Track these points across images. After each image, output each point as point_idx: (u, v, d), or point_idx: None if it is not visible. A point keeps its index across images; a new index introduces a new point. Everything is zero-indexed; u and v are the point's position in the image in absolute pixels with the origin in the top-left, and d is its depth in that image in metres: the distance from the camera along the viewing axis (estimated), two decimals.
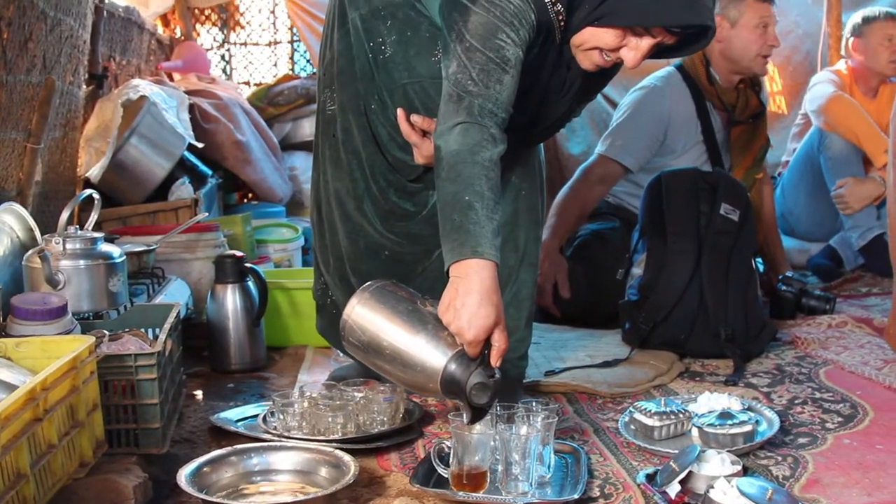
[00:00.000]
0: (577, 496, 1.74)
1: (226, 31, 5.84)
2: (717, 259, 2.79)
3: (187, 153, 3.88)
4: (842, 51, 4.32)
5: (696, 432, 2.05)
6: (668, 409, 2.10)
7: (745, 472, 1.84)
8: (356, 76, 2.19)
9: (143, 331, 2.23)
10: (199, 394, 2.54)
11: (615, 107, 3.79)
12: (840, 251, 4.09)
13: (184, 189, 3.72)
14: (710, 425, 2.01)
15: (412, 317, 1.81)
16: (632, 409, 2.15)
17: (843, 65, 4.28)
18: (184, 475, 1.72)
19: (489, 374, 1.74)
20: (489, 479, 1.77)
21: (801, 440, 2.07)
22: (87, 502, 1.66)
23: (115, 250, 2.40)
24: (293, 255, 3.95)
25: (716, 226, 2.81)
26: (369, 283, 1.89)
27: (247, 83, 5.82)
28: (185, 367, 2.50)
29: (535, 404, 1.92)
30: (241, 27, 5.86)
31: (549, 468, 1.82)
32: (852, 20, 4.23)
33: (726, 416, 2.03)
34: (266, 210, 4.39)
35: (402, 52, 2.12)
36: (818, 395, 2.40)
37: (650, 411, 2.09)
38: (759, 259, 3.44)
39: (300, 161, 4.90)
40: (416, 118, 2.13)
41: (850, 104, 4.00)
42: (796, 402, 2.35)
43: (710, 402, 2.16)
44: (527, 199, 2.28)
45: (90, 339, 1.81)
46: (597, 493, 1.80)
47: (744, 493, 1.60)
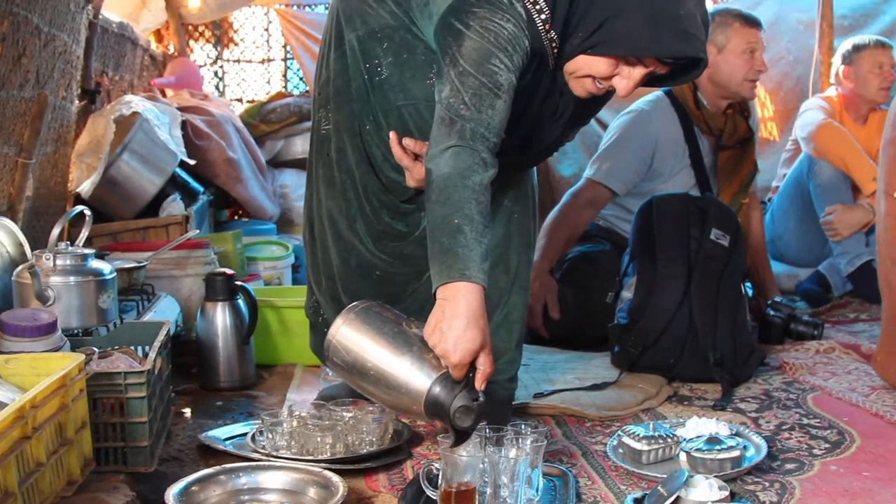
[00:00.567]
0: None
1: (219, 48, 5.86)
2: (707, 284, 2.80)
3: (179, 170, 3.88)
4: (832, 78, 4.34)
5: (684, 457, 2.05)
6: (657, 434, 2.10)
7: (733, 497, 1.84)
8: (352, 97, 2.20)
9: (132, 348, 2.22)
10: (187, 412, 2.53)
11: (606, 129, 3.80)
12: (829, 277, 4.10)
13: (175, 206, 3.73)
14: (699, 450, 2.01)
15: (397, 338, 1.81)
16: (620, 432, 2.16)
17: (833, 91, 4.29)
18: (172, 494, 1.71)
19: (473, 397, 1.74)
20: (478, 502, 1.76)
21: (789, 466, 2.08)
22: None
23: (105, 267, 2.39)
24: (283, 273, 3.94)
25: (706, 250, 2.82)
26: (355, 303, 1.89)
27: (239, 100, 5.83)
28: (174, 384, 2.49)
29: (524, 427, 1.91)
30: (235, 44, 5.88)
31: (537, 491, 1.82)
32: (842, 48, 4.25)
33: (714, 441, 2.03)
34: (257, 227, 4.39)
35: (398, 74, 2.12)
36: (805, 420, 2.41)
37: (639, 435, 2.10)
38: (748, 284, 3.45)
39: (291, 179, 4.90)
40: (407, 141, 2.13)
41: (840, 132, 4.01)
42: (784, 427, 2.35)
43: (698, 426, 2.16)
44: (519, 223, 2.29)
45: (80, 357, 1.81)
46: None
47: None
